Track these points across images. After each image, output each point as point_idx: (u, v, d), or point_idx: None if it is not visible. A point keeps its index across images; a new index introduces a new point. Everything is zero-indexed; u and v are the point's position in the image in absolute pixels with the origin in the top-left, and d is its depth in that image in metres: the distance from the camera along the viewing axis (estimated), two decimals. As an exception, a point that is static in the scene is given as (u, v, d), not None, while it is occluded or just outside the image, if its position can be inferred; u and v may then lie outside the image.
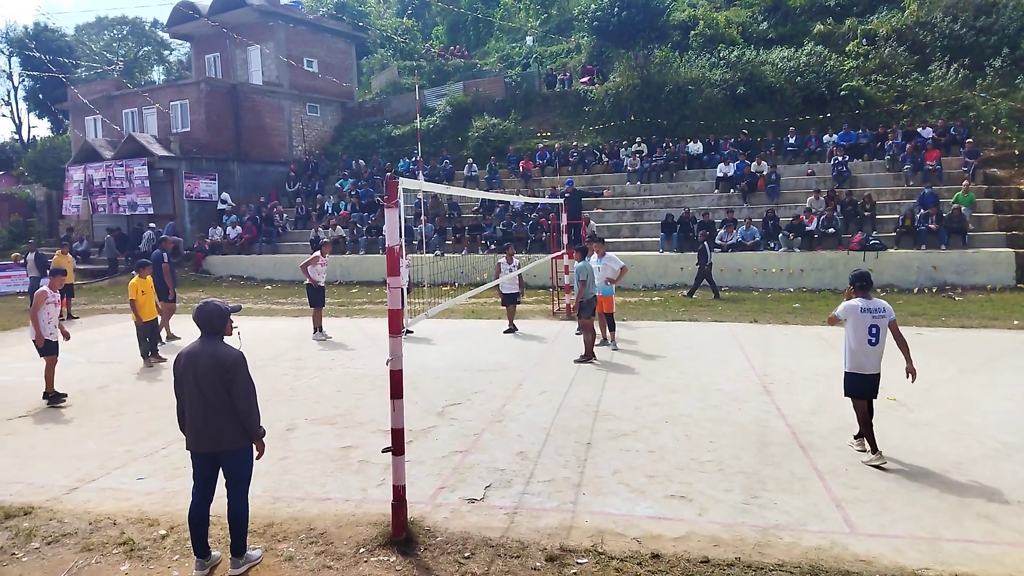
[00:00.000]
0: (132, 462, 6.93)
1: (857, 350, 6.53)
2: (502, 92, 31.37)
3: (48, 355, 9.28)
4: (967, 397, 8.50)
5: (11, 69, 49.73)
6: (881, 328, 6.48)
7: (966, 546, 4.90)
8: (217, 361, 4.61)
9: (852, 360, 6.58)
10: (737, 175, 22.24)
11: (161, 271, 13.72)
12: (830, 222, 18.85)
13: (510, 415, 8.21)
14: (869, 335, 6.48)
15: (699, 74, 26.98)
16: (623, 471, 6.35)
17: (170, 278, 13.95)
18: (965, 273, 17.21)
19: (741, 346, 11.74)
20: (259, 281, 24.07)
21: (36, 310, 9.23)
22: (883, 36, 26.11)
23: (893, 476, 6.12)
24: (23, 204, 35.93)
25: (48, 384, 9.28)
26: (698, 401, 8.59)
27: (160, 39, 55.20)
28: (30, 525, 5.55)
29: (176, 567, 4.88)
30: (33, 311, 9.25)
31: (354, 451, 7.08)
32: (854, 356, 6.56)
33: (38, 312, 9.21)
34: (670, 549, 4.94)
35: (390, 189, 5.05)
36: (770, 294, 17.78)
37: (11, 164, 46.39)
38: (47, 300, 9.31)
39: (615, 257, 12.37)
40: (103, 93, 32.40)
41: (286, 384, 9.96)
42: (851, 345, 6.57)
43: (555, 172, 25.68)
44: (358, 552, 5.02)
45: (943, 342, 11.72)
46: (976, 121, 22.32)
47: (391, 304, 5.17)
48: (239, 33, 31.98)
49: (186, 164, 28.32)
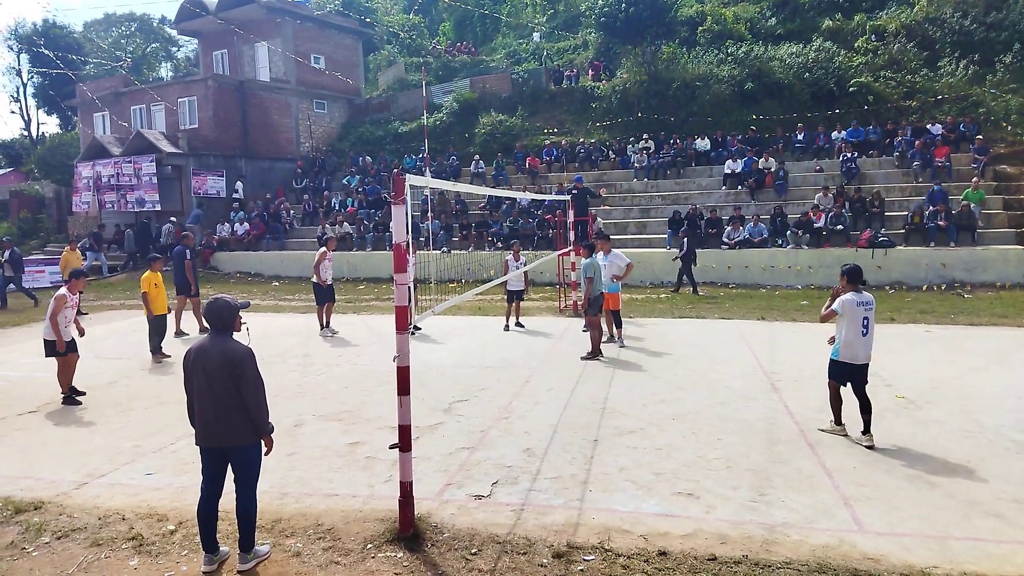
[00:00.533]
0: (141, 457, 6.96)
1: (852, 341, 6.85)
2: (509, 88, 31.33)
3: (65, 355, 9.06)
4: (976, 395, 8.45)
5: (20, 66, 49.96)
6: (871, 320, 6.87)
7: (975, 544, 4.87)
8: (227, 357, 4.63)
9: (846, 351, 6.89)
10: (745, 172, 22.15)
11: (183, 267, 13.87)
12: (838, 219, 18.76)
13: (517, 412, 8.21)
14: (862, 327, 6.84)
15: (707, 70, 26.87)
16: (630, 468, 6.35)
17: (191, 273, 14.09)
18: (974, 270, 17.11)
19: (748, 343, 11.70)
20: (266, 277, 24.14)
21: (56, 314, 8.95)
22: (892, 32, 25.96)
23: (902, 474, 6.09)
24: (32, 200, 36.13)
25: (64, 385, 9.11)
26: (705, 398, 8.57)
27: (168, 36, 55.39)
28: (40, 520, 5.58)
29: (185, 562, 4.90)
30: (52, 315, 8.94)
31: (361, 447, 7.10)
32: (849, 347, 6.87)
33: (57, 316, 8.96)
34: (677, 546, 4.93)
35: (397, 186, 5.05)
36: (778, 291, 17.71)
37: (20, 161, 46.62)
38: (66, 304, 9.08)
39: (621, 254, 12.35)
40: (111, 90, 32.52)
41: (293, 380, 9.99)
42: (846, 337, 6.88)
43: (562, 169, 25.65)
44: (365, 548, 5.04)
45: (952, 340, 11.66)
46: (986, 117, 22.18)
47: (398, 301, 5.17)
48: (246, 30, 32.03)
49: (194, 160, 28.41)
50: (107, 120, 32.63)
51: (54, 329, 8.94)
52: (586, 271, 10.93)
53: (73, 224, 32.08)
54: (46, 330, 9.12)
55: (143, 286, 11.45)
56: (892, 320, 13.37)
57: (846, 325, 6.83)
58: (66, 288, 9.25)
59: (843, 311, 6.84)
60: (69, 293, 9.22)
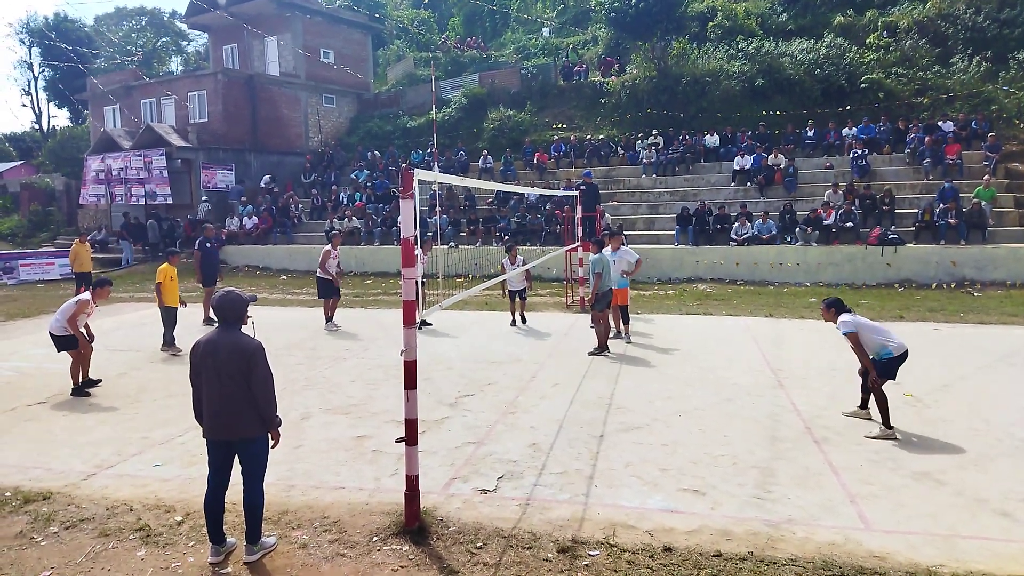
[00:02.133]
0: (149, 449, 7.00)
1: (888, 337, 7.12)
2: (518, 84, 31.28)
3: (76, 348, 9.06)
4: (985, 394, 8.40)
5: (32, 59, 50.21)
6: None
7: (983, 543, 4.85)
8: (237, 350, 4.66)
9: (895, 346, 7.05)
10: (754, 168, 22.04)
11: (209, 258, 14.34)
12: (848, 216, 18.65)
13: (523, 407, 8.21)
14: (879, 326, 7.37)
15: (717, 66, 26.74)
16: (636, 464, 6.35)
17: (198, 264, 14.40)
18: (984, 269, 16.99)
19: (756, 340, 11.67)
20: (274, 271, 24.21)
21: (75, 317, 8.95)
22: (904, 28, 25.76)
23: (909, 472, 6.06)
24: (43, 193, 36.34)
25: (76, 378, 9.11)
26: (712, 395, 8.55)
27: (178, 30, 55.62)
28: (49, 510, 5.63)
29: (192, 553, 4.93)
30: (72, 319, 8.93)
31: (368, 441, 7.12)
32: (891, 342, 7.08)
33: (77, 319, 8.96)
34: (682, 542, 4.93)
35: (405, 180, 5.05)
36: (786, 288, 17.64)
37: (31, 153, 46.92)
38: (87, 310, 9.14)
39: (631, 250, 12.32)
40: (122, 83, 32.66)
41: (301, 374, 10.03)
42: (881, 340, 7.08)
43: (570, 164, 25.59)
44: (371, 541, 5.06)
45: (961, 338, 11.60)
46: (998, 115, 21.98)
47: (406, 295, 5.18)
48: (256, 24, 32.09)
49: (203, 154, 28.51)
50: (117, 114, 32.77)
51: (74, 331, 8.93)
52: (594, 266, 10.91)
53: (83, 217, 32.26)
54: (56, 326, 9.03)
55: (159, 277, 11.56)
56: (901, 318, 13.30)
57: (870, 335, 7.08)
58: (91, 294, 9.25)
59: (858, 328, 7.05)
60: (93, 301, 9.21)
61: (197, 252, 14.48)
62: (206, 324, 13.78)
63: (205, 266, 14.30)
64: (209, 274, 14.31)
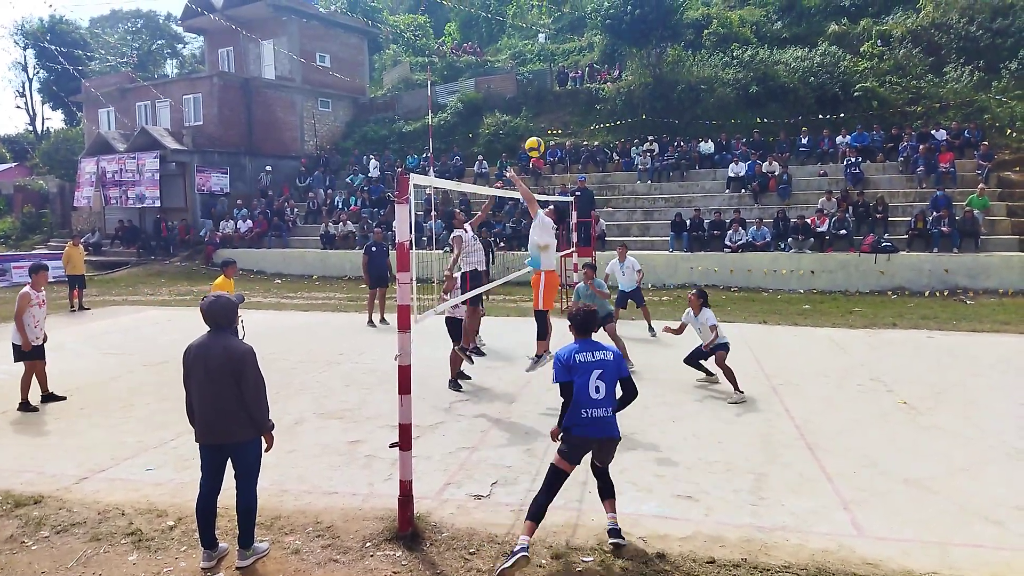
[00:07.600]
0: (142, 453, 6.97)
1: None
2: (514, 89, 31.35)
3: (31, 360, 8.51)
4: (977, 401, 8.43)
5: (26, 61, 50.07)
6: None
7: (975, 551, 4.86)
8: (228, 355, 4.64)
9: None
10: (749, 175, 22.12)
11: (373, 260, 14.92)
12: (842, 224, 18.73)
13: (518, 412, 8.20)
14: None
15: (712, 73, 26.87)
16: (630, 470, 6.34)
17: (365, 267, 15.11)
18: (977, 277, 17.07)
19: (750, 346, 11.68)
20: (269, 275, 24.13)
21: (21, 313, 8.35)
22: (898, 37, 25.94)
23: (902, 479, 6.08)
24: (36, 195, 36.19)
25: (24, 391, 8.51)
26: (706, 401, 8.56)
27: (174, 33, 55.51)
28: (40, 514, 5.59)
29: (183, 558, 4.91)
30: (17, 315, 8.35)
31: (361, 445, 7.10)
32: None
33: (23, 316, 8.36)
34: (676, 549, 4.92)
35: (401, 185, 5.05)
36: (780, 295, 17.69)
37: (25, 155, 46.74)
38: (31, 302, 8.44)
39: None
40: (117, 86, 32.59)
41: (294, 378, 9.99)
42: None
43: (565, 170, 25.63)
44: (364, 546, 5.04)
45: (954, 346, 11.64)
46: (991, 124, 22.13)
47: (400, 299, 5.17)
48: (252, 28, 32.07)
49: (198, 157, 28.44)
50: (112, 116, 32.70)
51: (19, 329, 8.39)
52: (600, 286, 10.89)
53: (77, 219, 32.14)
54: (13, 332, 8.49)
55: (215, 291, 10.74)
56: (894, 326, 13.35)
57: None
58: (28, 286, 8.58)
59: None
60: (33, 290, 8.53)
61: (364, 256, 14.97)
62: (369, 326, 14.15)
63: (372, 268, 14.64)
64: (377, 276, 14.56)
